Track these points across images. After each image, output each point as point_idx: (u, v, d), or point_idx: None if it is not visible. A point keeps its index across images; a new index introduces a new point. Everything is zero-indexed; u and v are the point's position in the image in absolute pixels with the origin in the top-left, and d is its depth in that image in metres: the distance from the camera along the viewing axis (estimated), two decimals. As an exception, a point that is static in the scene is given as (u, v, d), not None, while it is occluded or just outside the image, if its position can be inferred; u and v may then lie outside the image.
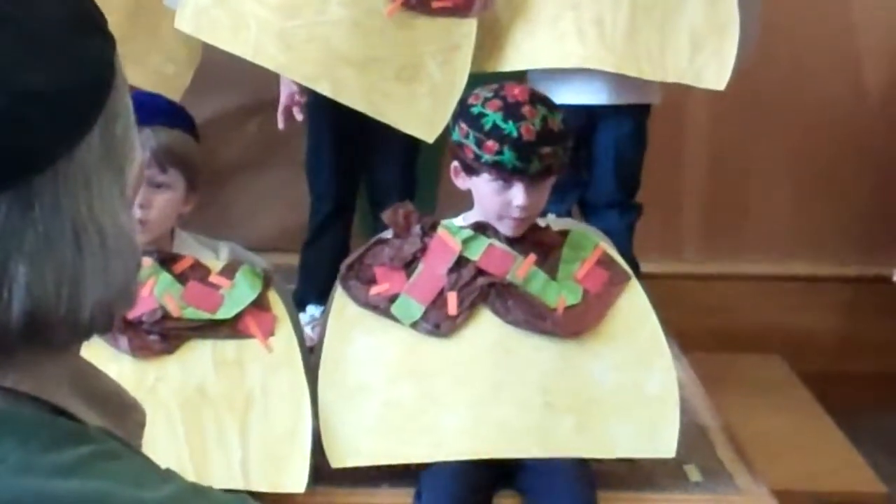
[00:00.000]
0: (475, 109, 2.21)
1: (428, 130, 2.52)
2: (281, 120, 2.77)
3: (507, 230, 2.24)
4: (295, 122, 2.78)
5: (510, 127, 2.17)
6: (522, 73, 2.73)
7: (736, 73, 2.61)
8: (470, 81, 2.54)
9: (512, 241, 2.25)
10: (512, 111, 2.18)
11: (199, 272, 2.23)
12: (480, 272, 2.24)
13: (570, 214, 2.84)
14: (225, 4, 2.50)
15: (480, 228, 2.26)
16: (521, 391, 2.20)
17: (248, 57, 2.50)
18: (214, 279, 2.22)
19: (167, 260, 2.22)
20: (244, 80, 3.10)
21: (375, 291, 2.24)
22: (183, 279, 2.21)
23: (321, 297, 2.50)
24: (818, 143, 3.57)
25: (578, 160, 2.81)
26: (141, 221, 2.14)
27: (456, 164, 2.26)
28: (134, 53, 2.67)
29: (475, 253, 2.24)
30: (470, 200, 2.30)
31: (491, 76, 2.54)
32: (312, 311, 2.81)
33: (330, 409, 2.20)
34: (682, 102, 3.35)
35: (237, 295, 2.21)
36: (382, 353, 2.24)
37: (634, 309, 2.26)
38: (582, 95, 2.72)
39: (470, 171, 2.23)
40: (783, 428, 3.00)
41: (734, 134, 3.57)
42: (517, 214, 2.21)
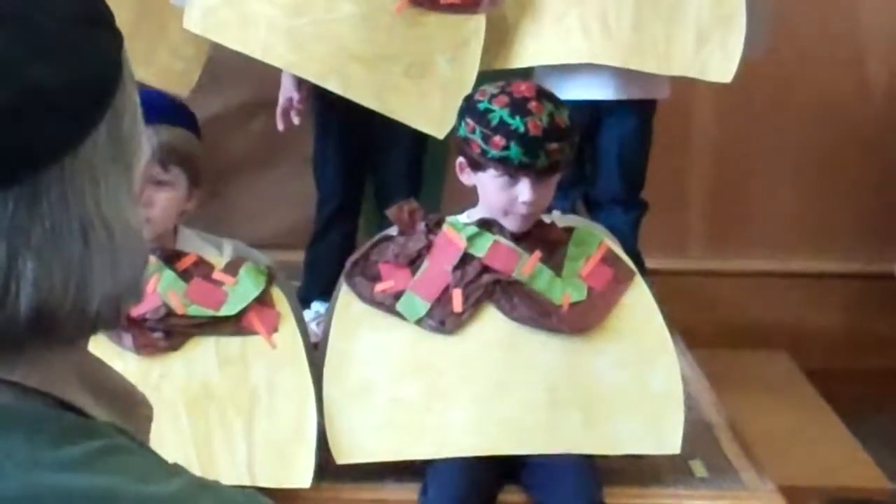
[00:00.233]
0: (482, 105, 2.21)
1: (438, 127, 2.52)
2: (280, 122, 2.78)
3: (512, 226, 2.24)
4: (293, 124, 2.78)
5: (517, 122, 2.17)
6: (528, 69, 2.73)
7: (740, 68, 2.61)
8: (476, 79, 2.54)
9: (517, 237, 2.25)
10: (519, 107, 2.18)
11: (202, 269, 2.23)
12: (486, 269, 2.24)
13: (574, 211, 2.84)
14: (233, 4, 2.50)
15: (485, 225, 2.26)
16: (526, 388, 2.20)
17: (257, 56, 2.50)
18: (218, 276, 2.22)
19: (170, 257, 2.22)
20: (249, 77, 3.10)
21: (380, 288, 2.24)
22: (186, 276, 2.21)
23: (326, 293, 2.50)
24: (823, 139, 3.57)
25: (583, 156, 2.81)
26: (145, 219, 2.14)
27: (462, 159, 2.26)
28: (142, 51, 2.68)
29: (480, 250, 2.24)
30: (474, 197, 2.30)
31: (497, 74, 2.54)
32: (317, 307, 2.82)
33: (335, 405, 2.20)
34: (687, 99, 3.35)
35: (241, 292, 2.22)
36: (387, 350, 2.24)
37: (639, 306, 2.26)
38: (587, 90, 2.72)
39: (476, 166, 2.23)
40: (788, 424, 3.00)
41: (739, 130, 3.56)
42: (523, 210, 2.21)
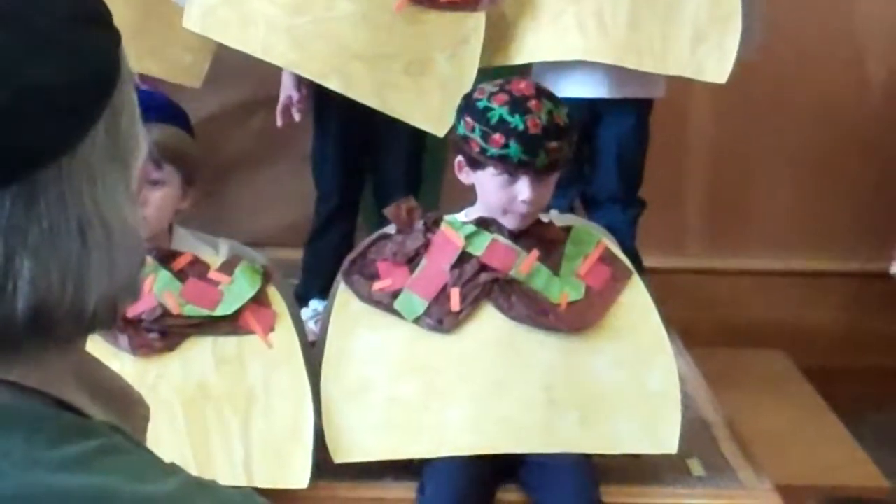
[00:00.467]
0: (481, 104, 2.21)
1: (438, 124, 2.52)
2: (279, 119, 2.78)
3: (511, 224, 2.24)
4: (293, 121, 2.78)
5: (517, 120, 2.16)
6: (526, 67, 2.73)
7: (738, 67, 2.61)
8: (475, 77, 2.54)
9: (515, 236, 2.25)
10: (518, 105, 2.18)
11: (197, 269, 2.22)
12: (483, 268, 2.24)
13: (572, 209, 2.85)
14: (232, 3, 2.50)
15: (483, 224, 2.26)
16: (524, 387, 2.20)
17: (257, 54, 2.50)
18: (213, 275, 2.22)
19: (166, 257, 2.22)
20: (248, 75, 3.10)
21: (378, 287, 2.24)
22: (182, 276, 2.21)
23: (324, 291, 2.50)
24: (821, 137, 3.57)
25: (581, 155, 2.81)
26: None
27: (460, 158, 2.26)
28: (153, 46, 2.68)
29: (478, 248, 2.24)
30: (472, 196, 2.30)
31: (495, 72, 2.54)
32: (315, 305, 2.82)
33: (333, 404, 2.20)
34: (684, 97, 3.35)
35: (236, 291, 2.21)
36: (385, 348, 2.24)
37: (636, 305, 2.26)
38: (584, 88, 2.72)
39: (475, 165, 2.23)
40: (786, 423, 3.00)
41: (737, 129, 3.57)
42: (523, 209, 2.21)
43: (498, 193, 2.22)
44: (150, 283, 2.17)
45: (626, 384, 2.21)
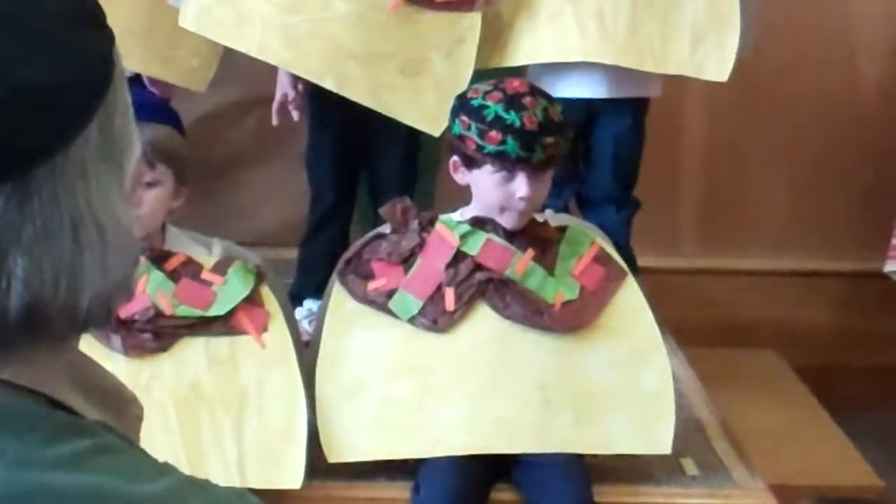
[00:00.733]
0: (476, 102, 2.21)
1: (433, 124, 2.52)
2: (275, 117, 2.78)
3: (508, 223, 2.24)
4: (289, 119, 2.78)
5: (513, 117, 2.17)
6: (522, 67, 2.73)
7: (733, 69, 2.61)
8: (471, 78, 2.54)
9: (510, 235, 2.25)
10: (513, 102, 2.18)
11: (190, 269, 2.22)
12: (478, 267, 2.24)
13: (567, 209, 2.85)
14: (228, 2, 2.50)
15: (479, 223, 2.26)
16: (518, 386, 2.20)
17: (252, 53, 2.50)
18: (206, 276, 2.22)
19: (159, 257, 2.21)
20: (242, 74, 3.10)
21: (373, 286, 2.24)
22: (175, 276, 2.20)
23: (319, 291, 2.50)
24: (815, 137, 3.58)
25: (576, 155, 2.82)
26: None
27: (455, 158, 2.26)
28: (160, 49, 2.68)
29: (473, 248, 2.24)
30: (467, 196, 2.30)
31: (490, 72, 2.54)
32: (310, 305, 2.82)
33: (328, 404, 2.20)
34: (679, 97, 3.35)
35: (230, 291, 2.21)
36: (380, 348, 2.24)
37: (631, 305, 2.26)
38: (581, 89, 2.72)
39: (471, 163, 2.23)
40: (780, 422, 3.00)
41: (731, 128, 3.57)
42: (521, 206, 2.21)
43: (495, 191, 2.22)
44: (142, 283, 2.17)
45: (620, 384, 2.21)
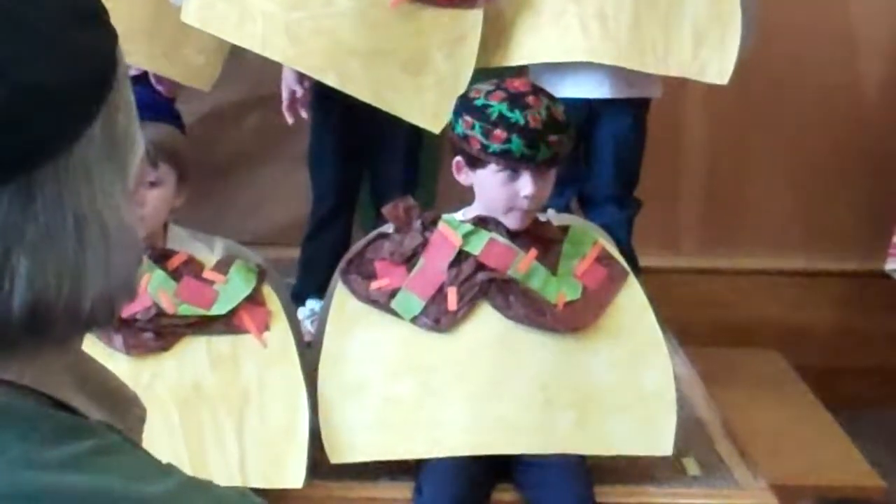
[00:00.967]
0: (479, 101, 2.21)
1: (434, 122, 2.52)
2: (288, 115, 2.76)
3: (512, 223, 2.23)
4: (299, 117, 2.77)
5: (517, 115, 2.17)
6: (523, 67, 2.72)
7: (735, 67, 2.61)
8: (472, 77, 2.54)
9: (513, 235, 2.25)
10: (516, 101, 2.19)
11: (192, 268, 2.22)
12: (481, 267, 2.24)
13: (569, 208, 2.84)
14: None
15: (481, 223, 2.25)
16: (520, 387, 2.20)
17: (256, 49, 2.49)
18: (208, 274, 2.22)
19: (161, 256, 2.21)
20: (243, 74, 3.10)
21: (376, 286, 2.24)
22: (177, 275, 2.20)
23: (321, 291, 2.50)
24: (816, 137, 3.58)
25: (578, 154, 2.81)
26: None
27: (459, 158, 2.26)
28: (165, 47, 2.67)
29: (476, 247, 2.24)
30: (469, 197, 2.30)
31: (491, 72, 2.54)
32: (312, 304, 2.82)
33: (330, 404, 2.19)
34: (679, 97, 3.35)
35: (231, 290, 2.21)
36: (382, 348, 2.24)
37: (632, 306, 2.26)
38: (583, 88, 2.72)
39: (475, 163, 2.23)
40: (781, 422, 3.00)
41: (733, 128, 3.57)
42: (525, 205, 2.21)
43: (500, 190, 2.21)
44: (144, 282, 2.16)
45: (621, 384, 2.21)
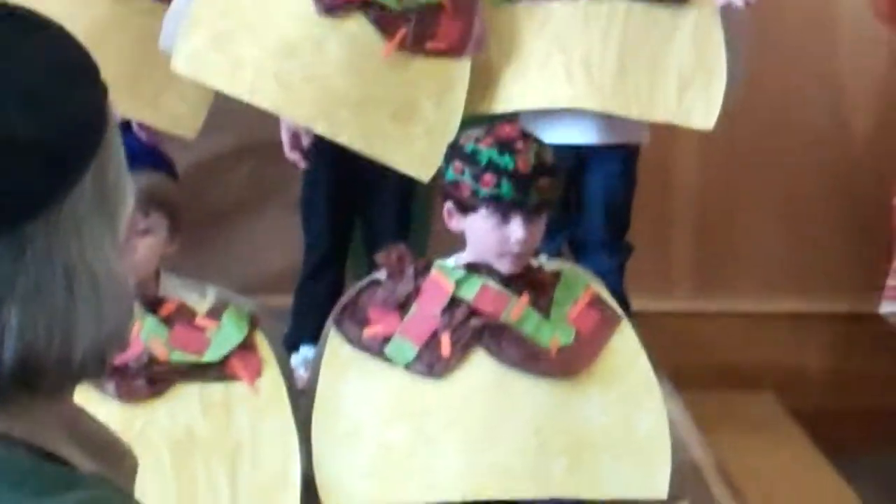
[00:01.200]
0: (469, 147, 2.23)
1: (423, 170, 2.53)
2: (292, 154, 2.73)
3: (505, 267, 2.24)
4: (308, 156, 2.76)
5: (506, 160, 2.18)
6: (513, 114, 2.74)
7: (723, 113, 2.63)
8: (460, 124, 2.55)
9: (506, 280, 2.25)
10: (506, 146, 2.20)
11: (185, 315, 2.21)
12: (474, 313, 2.24)
13: (559, 254, 2.85)
14: (220, 46, 2.51)
15: (474, 268, 2.26)
16: (514, 432, 2.20)
17: (244, 98, 2.50)
18: (201, 321, 2.21)
19: (153, 303, 2.21)
20: (236, 122, 3.11)
21: (369, 333, 2.24)
22: (169, 322, 2.20)
23: (314, 337, 2.50)
24: (806, 180, 3.60)
25: (568, 200, 2.83)
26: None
27: (450, 205, 2.26)
28: (147, 94, 2.68)
29: (469, 293, 2.24)
30: (460, 244, 2.31)
31: (482, 119, 2.56)
32: (305, 351, 2.81)
33: (324, 451, 2.19)
34: (670, 142, 3.37)
35: (224, 337, 2.20)
36: (376, 394, 2.23)
37: (626, 350, 2.26)
38: (571, 135, 2.74)
39: (466, 209, 2.23)
40: (776, 465, 3.00)
41: (722, 173, 3.59)
42: (516, 249, 2.21)
43: (491, 235, 2.22)
44: (136, 329, 2.16)
45: (615, 428, 2.21)
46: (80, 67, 0.75)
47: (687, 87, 2.63)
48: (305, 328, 2.82)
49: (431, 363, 2.22)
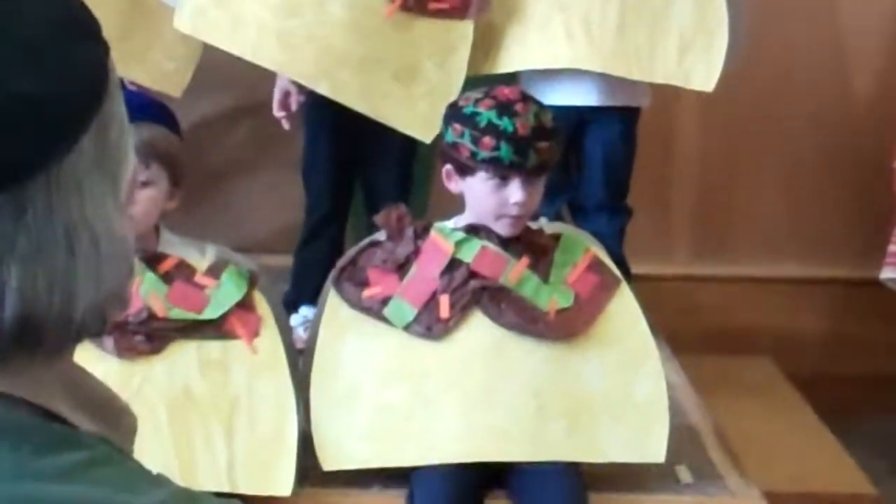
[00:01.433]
0: (468, 110, 2.22)
1: (425, 131, 2.53)
2: (279, 115, 2.74)
3: (503, 230, 2.24)
4: (294, 119, 2.76)
5: (505, 123, 2.17)
6: (513, 75, 2.74)
7: (724, 75, 2.62)
8: (463, 86, 2.54)
9: (505, 243, 2.25)
10: (505, 108, 2.19)
11: (184, 271, 2.21)
12: (473, 275, 2.24)
13: (560, 217, 2.85)
14: (224, 4, 2.50)
15: (473, 230, 2.26)
16: (512, 394, 2.20)
17: (247, 56, 2.50)
18: (200, 279, 2.21)
19: (152, 259, 2.21)
20: (236, 81, 3.10)
21: (368, 294, 2.24)
22: (168, 279, 2.20)
23: (314, 298, 2.50)
24: (807, 144, 3.59)
25: (568, 163, 2.82)
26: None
27: (448, 167, 2.26)
28: (134, 51, 2.67)
29: (468, 255, 2.24)
30: (460, 206, 2.30)
31: (481, 80, 2.55)
32: (305, 312, 2.82)
33: (322, 411, 2.19)
34: (671, 105, 3.36)
35: (223, 295, 2.20)
36: (374, 356, 2.24)
37: (624, 314, 2.26)
38: (572, 97, 2.73)
39: (464, 171, 2.23)
40: (774, 429, 3.01)
41: (724, 137, 3.58)
42: (515, 212, 2.21)
43: (489, 198, 2.22)
44: (136, 285, 2.16)
45: (613, 392, 2.21)
46: (81, 23, 0.75)
47: (688, 48, 2.62)
48: (305, 289, 2.83)
49: (430, 325, 2.22)
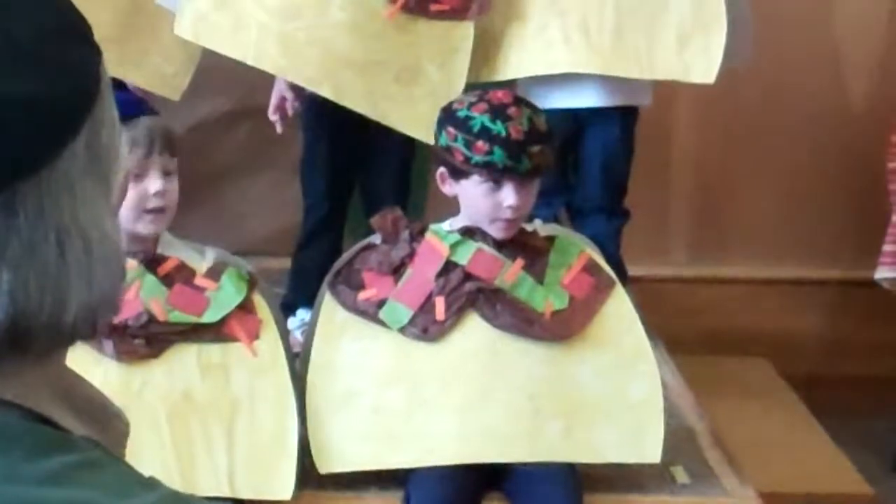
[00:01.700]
0: (461, 113, 2.22)
1: (427, 132, 2.52)
2: (273, 115, 2.75)
3: (497, 233, 2.24)
4: (289, 123, 2.76)
5: (499, 127, 2.18)
6: (510, 80, 2.73)
7: (721, 77, 2.62)
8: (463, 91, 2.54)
9: (500, 245, 2.26)
10: (498, 112, 2.19)
11: (184, 274, 2.21)
12: (468, 277, 2.24)
13: (557, 220, 2.85)
14: (224, 8, 2.49)
15: (468, 233, 2.26)
16: (508, 396, 2.21)
17: (248, 61, 2.49)
18: (200, 281, 2.21)
19: (152, 261, 2.21)
20: (234, 84, 3.10)
21: (363, 296, 2.25)
22: (168, 281, 2.19)
23: (312, 301, 2.50)
24: (804, 146, 3.59)
25: (565, 165, 2.82)
26: (161, 209, 2.15)
27: (443, 170, 2.26)
28: (132, 54, 2.67)
29: (463, 257, 2.25)
30: (456, 208, 2.31)
31: (479, 84, 2.55)
32: (303, 314, 2.82)
33: (318, 414, 2.20)
34: (669, 106, 3.36)
35: (223, 298, 2.20)
36: (371, 358, 2.24)
37: (619, 315, 2.27)
38: (570, 99, 2.73)
39: (458, 174, 2.23)
40: (770, 430, 3.01)
41: (721, 139, 3.58)
42: (508, 215, 2.21)
43: (483, 201, 2.22)
44: (136, 288, 2.16)
45: (609, 393, 2.22)
46: (72, 26, 0.75)
47: (687, 41, 2.61)
48: (303, 291, 2.82)
49: (426, 327, 2.22)
